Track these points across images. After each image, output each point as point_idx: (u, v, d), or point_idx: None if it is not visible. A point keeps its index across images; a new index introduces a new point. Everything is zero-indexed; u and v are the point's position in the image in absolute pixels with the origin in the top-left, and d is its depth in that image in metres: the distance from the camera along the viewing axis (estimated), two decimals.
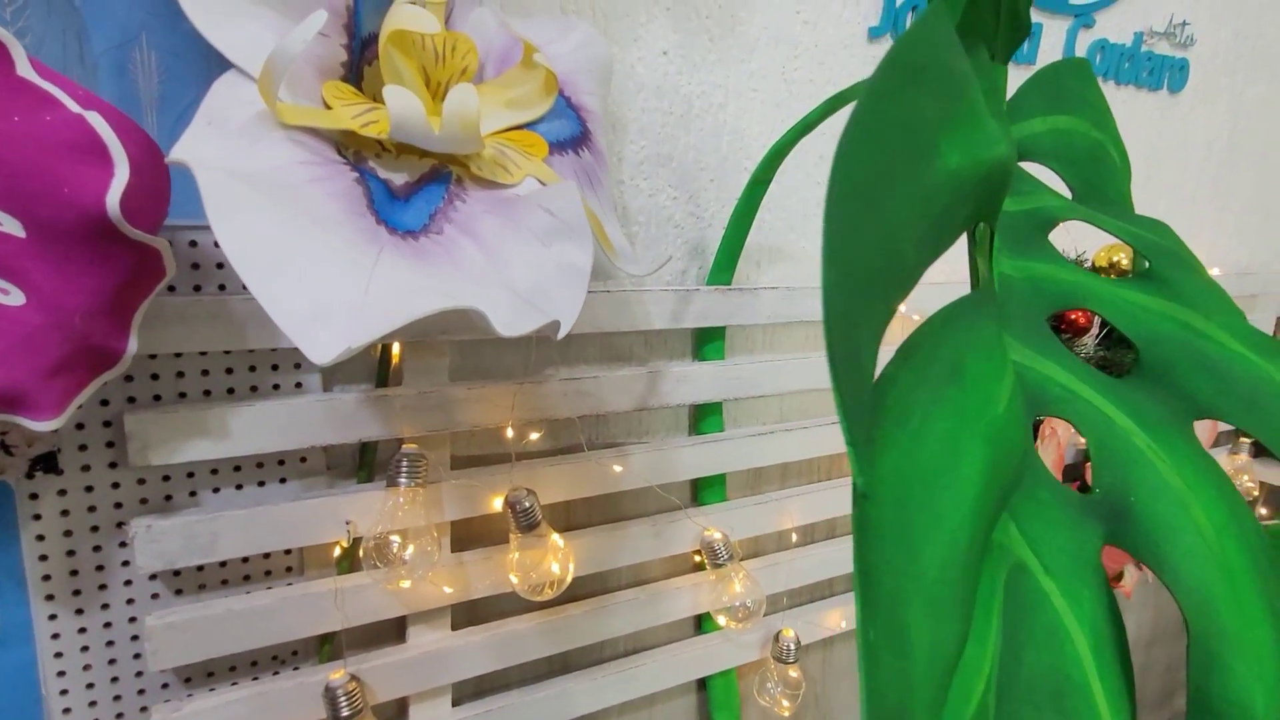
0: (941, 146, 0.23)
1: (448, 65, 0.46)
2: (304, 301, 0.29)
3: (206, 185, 0.29)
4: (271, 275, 0.29)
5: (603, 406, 0.64)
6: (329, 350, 0.28)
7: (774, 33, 0.69)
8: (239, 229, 0.29)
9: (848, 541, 0.83)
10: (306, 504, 0.53)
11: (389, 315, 0.30)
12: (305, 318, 0.29)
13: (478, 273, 0.37)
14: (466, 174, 0.44)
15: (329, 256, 0.31)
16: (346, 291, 0.30)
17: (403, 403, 0.55)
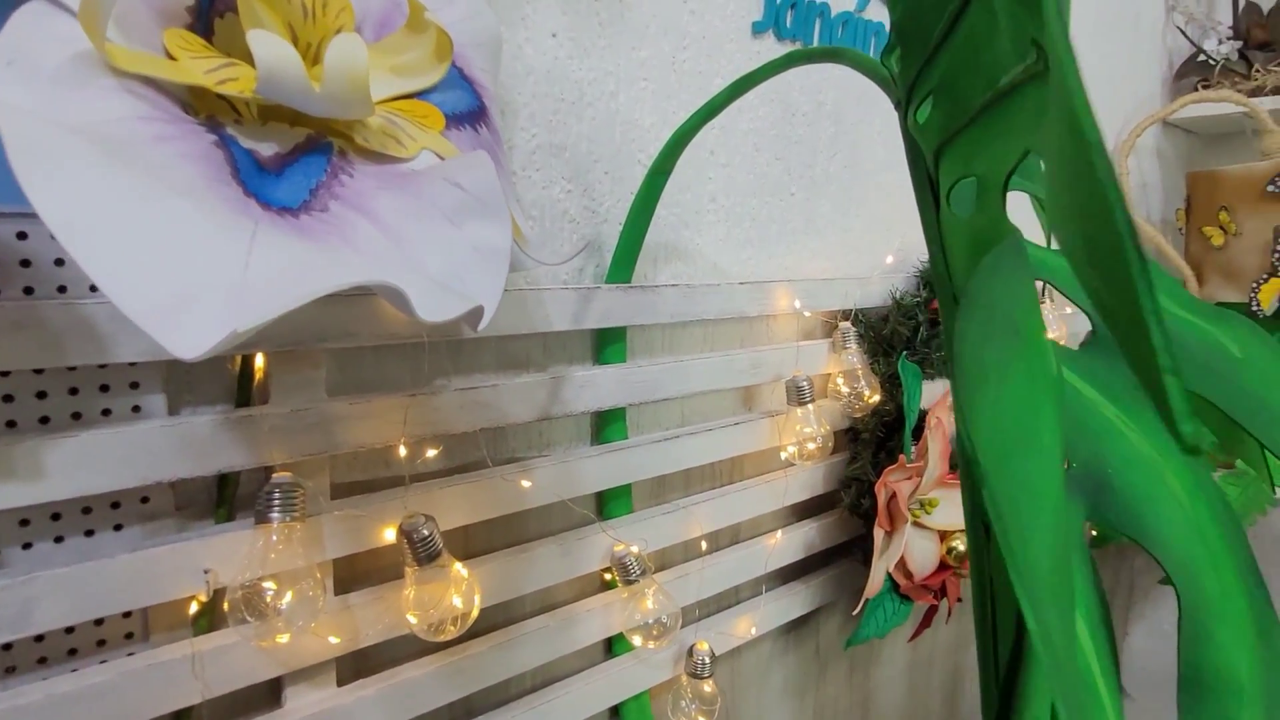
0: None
1: (318, 25, 0.40)
2: (161, 284, 0.22)
3: (11, 129, 0.22)
4: (113, 250, 0.22)
5: (503, 418, 0.58)
6: (201, 339, 0.21)
7: (663, 21, 0.67)
8: (64, 189, 0.22)
9: (751, 546, 0.81)
10: (150, 554, 0.44)
11: (282, 294, 0.23)
12: (164, 303, 0.22)
13: (380, 254, 0.30)
14: (350, 146, 0.38)
15: (190, 228, 0.24)
16: (220, 269, 0.23)
17: (272, 423, 0.47)
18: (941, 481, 0.85)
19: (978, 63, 0.24)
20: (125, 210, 0.22)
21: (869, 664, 1.07)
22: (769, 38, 0.75)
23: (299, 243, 0.28)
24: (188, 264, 0.23)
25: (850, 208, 0.88)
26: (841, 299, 0.84)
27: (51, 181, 0.22)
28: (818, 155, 0.83)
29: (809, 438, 0.78)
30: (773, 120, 0.78)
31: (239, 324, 0.22)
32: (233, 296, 0.23)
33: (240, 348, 0.46)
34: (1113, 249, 0.14)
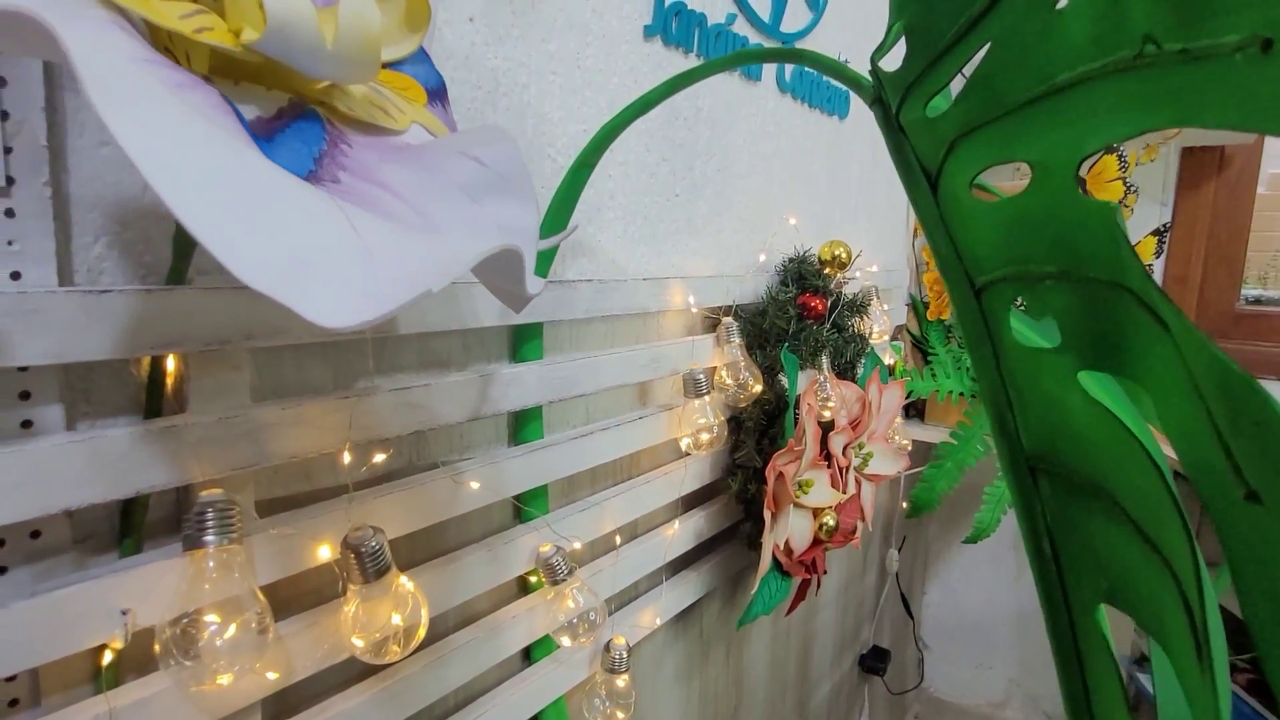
0: None
1: None
2: (281, 244, 0.19)
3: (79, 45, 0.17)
4: (220, 203, 0.18)
5: (435, 419, 0.54)
6: (351, 311, 0.18)
7: (569, 16, 0.66)
8: (150, 123, 0.18)
9: (653, 538, 0.82)
10: (52, 598, 0.36)
11: (424, 267, 0.21)
12: (284, 266, 0.19)
13: (427, 230, 0.28)
14: (334, 115, 0.34)
15: (283, 182, 0.21)
16: (335, 230, 0.20)
17: (199, 434, 0.41)
18: (814, 463, 0.92)
19: (1026, 60, 0.27)
20: (208, 155, 0.19)
21: (741, 644, 1.12)
22: (657, 42, 0.78)
23: (368, 212, 0.25)
24: (301, 225, 0.19)
25: (723, 209, 0.93)
26: (723, 295, 0.88)
27: (136, 113, 0.18)
28: (696, 158, 0.87)
29: (705, 428, 0.81)
30: (660, 122, 0.80)
31: (397, 299, 0.19)
32: (368, 265, 0.20)
33: (166, 346, 0.39)
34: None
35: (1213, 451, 0.22)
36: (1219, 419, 0.21)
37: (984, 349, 0.32)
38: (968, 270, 0.32)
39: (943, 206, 0.34)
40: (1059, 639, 0.31)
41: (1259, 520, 0.21)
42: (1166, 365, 0.23)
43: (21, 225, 0.35)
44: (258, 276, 0.18)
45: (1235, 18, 0.19)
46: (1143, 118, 0.23)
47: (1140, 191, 1.54)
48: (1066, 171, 0.26)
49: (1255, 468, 0.20)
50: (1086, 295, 0.27)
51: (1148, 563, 0.25)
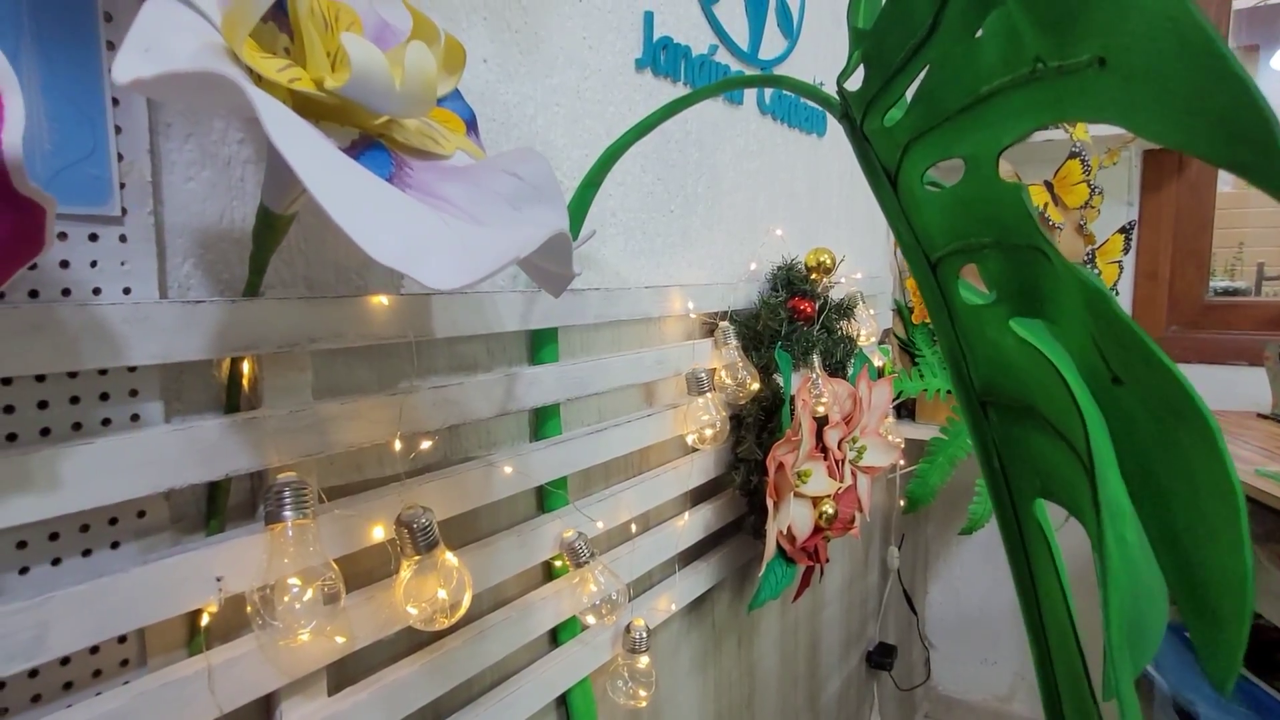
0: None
1: (333, 35, 0.43)
2: (394, 233, 0.25)
3: (260, 98, 0.24)
4: (356, 208, 0.25)
5: (467, 414, 0.61)
6: (453, 276, 0.25)
7: (568, 53, 0.74)
8: (306, 146, 0.24)
9: (664, 529, 0.88)
10: (161, 566, 0.42)
11: (498, 248, 0.27)
12: (407, 250, 0.25)
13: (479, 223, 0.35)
14: (394, 145, 0.41)
15: (384, 188, 0.27)
16: (435, 222, 0.27)
17: (274, 425, 0.47)
18: (811, 455, 0.99)
19: (957, 78, 0.34)
20: (350, 176, 0.25)
21: (752, 637, 1.18)
22: (648, 73, 0.86)
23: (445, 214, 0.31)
24: (408, 221, 0.26)
25: (714, 223, 1.00)
26: (718, 301, 0.95)
27: (297, 139, 0.24)
28: (688, 177, 0.94)
29: (708, 424, 0.88)
30: (654, 145, 0.88)
31: (480, 269, 0.26)
32: (459, 245, 0.26)
33: (245, 348, 0.46)
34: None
35: (1094, 356, 0.28)
36: (1092, 329, 0.28)
37: (942, 314, 0.39)
38: (924, 250, 0.39)
39: (902, 199, 0.41)
40: (1008, 532, 0.38)
41: (1122, 397, 0.27)
42: (1064, 299, 0.30)
43: (131, 248, 0.42)
44: (390, 255, 0.24)
45: (1088, 42, 0.26)
46: (1037, 116, 0.30)
47: (1105, 193, 1.63)
48: (989, 162, 0.33)
49: (1116, 360, 0.27)
50: (1012, 258, 0.33)
51: (1065, 457, 0.31)
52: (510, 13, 0.67)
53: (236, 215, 0.48)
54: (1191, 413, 0.25)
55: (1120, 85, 0.24)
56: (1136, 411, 0.27)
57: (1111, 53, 0.24)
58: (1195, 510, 0.27)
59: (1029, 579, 0.36)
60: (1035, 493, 0.35)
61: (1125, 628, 0.34)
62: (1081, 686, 0.34)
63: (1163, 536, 0.29)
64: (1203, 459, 0.26)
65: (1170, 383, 0.25)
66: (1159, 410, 0.26)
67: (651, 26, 0.84)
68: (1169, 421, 0.26)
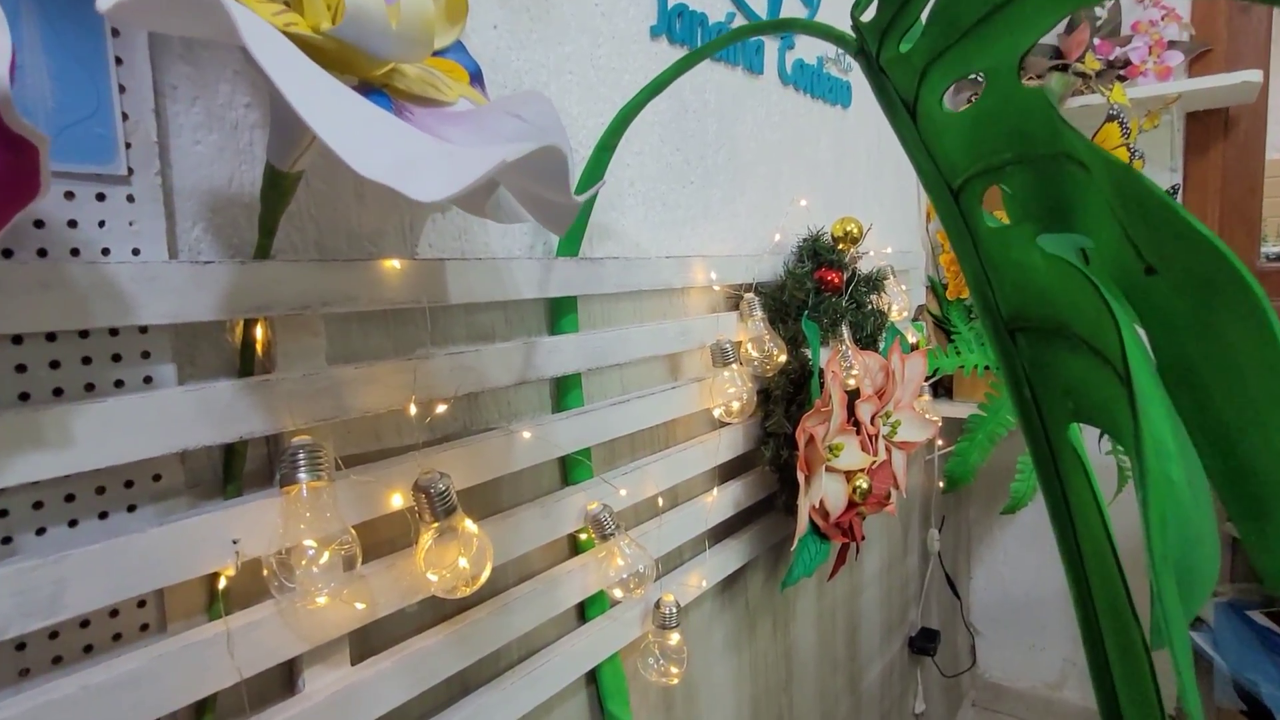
0: None
1: None
2: (386, 151, 0.24)
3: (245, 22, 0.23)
4: (344, 126, 0.24)
5: (485, 381, 0.60)
6: (439, 188, 0.24)
7: (580, 20, 0.73)
8: (288, 65, 0.24)
9: (693, 505, 0.87)
10: (178, 527, 0.42)
11: (486, 158, 0.26)
12: (395, 165, 0.24)
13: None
14: (395, 93, 0.40)
15: (374, 109, 0.26)
16: (422, 138, 0.26)
17: (288, 388, 0.47)
18: (843, 428, 0.97)
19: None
20: (337, 96, 0.25)
21: (788, 618, 1.16)
22: (663, 41, 0.84)
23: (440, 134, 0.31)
24: (399, 138, 0.25)
25: (736, 195, 0.98)
26: (743, 273, 0.94)
27: (280, 57, 0.24)
28: (707, 148, 0.93)
29: (735, 396, 0.86)
30: (671, 115, 0.86)
31: (465, 179, 0.25)
32: (448, 160, 0.26)
33: (256, 310, 0.45)
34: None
35: (1125, 249, 0.26)
36: (1123, 219, 0.26)
37: (965, 243, 0.37)
38: (946, 178, 0.37)
39: (921, 129, 0.39)
40: (1040, 460, 0.36)
41: (1156, 288, 0.25)
42: (1093, 201, 0.28)
43: (139, 209, 0.42)
44: (376, 170, 0.23)
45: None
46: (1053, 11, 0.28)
47: (1146, 158, 1.57)
48: (1010, 71, 0.31)
49: (1148, 246, 0.25)
50: (1037, 171, 0.31)
51: (1099, 373, 0.29)
52: None
53: (245, 179, 0.48)
54: (1232, 285, 0.23)
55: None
56: (1172, 302, 0.25)
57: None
58: (1241, 396, 0.25)
59: (1064, 504, 0.34)
60: (1068, 417, 0.33)
61: (1174, 571, 0.32)
62: (1128, 626, 0.32)
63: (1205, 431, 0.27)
64: (1246, 336, 0.23)
65: (1206, 252, 0.23)
66: (1196, 292, 0.24)
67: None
68: (1207, 303, 0.24)
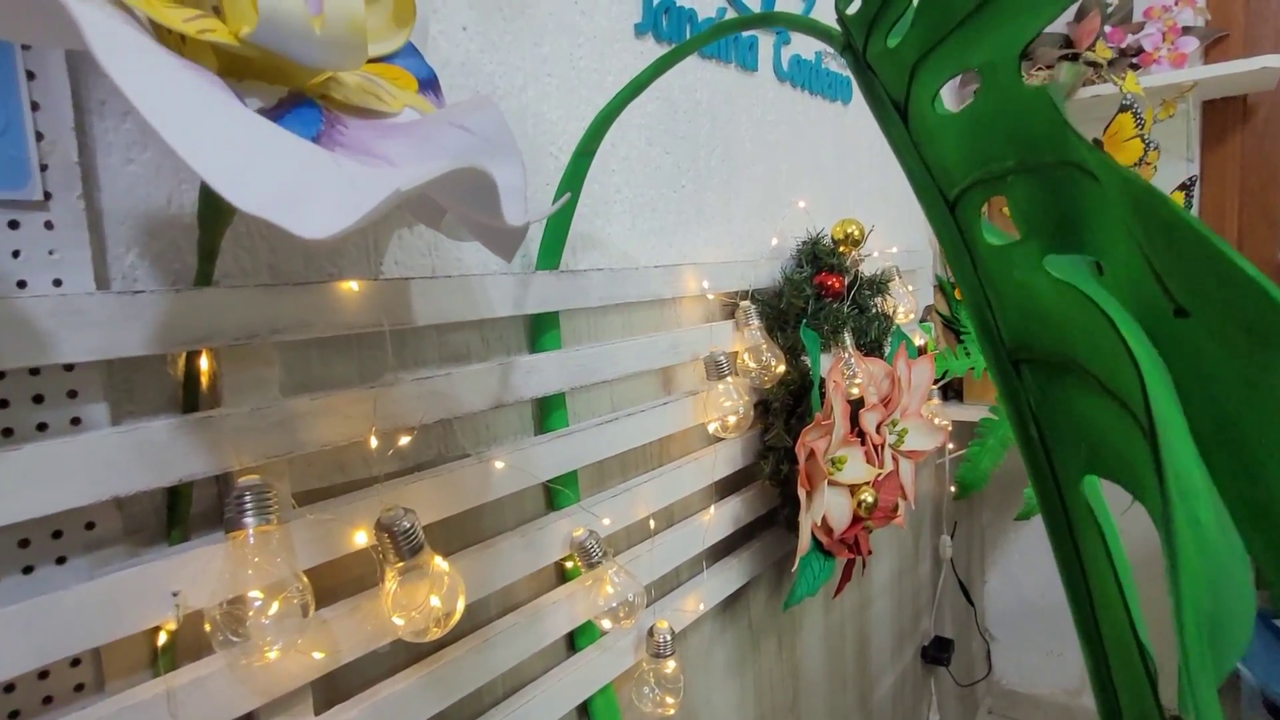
0: None
1: None
2: (271, 178, 0.21)
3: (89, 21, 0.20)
4: (217, 148, 0.20)
5: (458, 407, 0.56)
6: (330, 222, 0.20)
7: (559, 19, 0.69)
8: (145, 71, 0.20)
9: (689, 525, 0.83)
10: (110, 581, 0.39)
11: (391, 182, 0.23)
12: (280, 195, 0.21)
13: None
14: (331, 104, 0.37)
15: (276, 133, 0.23)
16: (318, 166, 0.22)
17: (234, 424, 0.43)
18: (846, 440, 0.92)
19: None
20: (213, 110, 0.21)
21: (793, 635, 1.12)
22: (649, 39, 0.80)
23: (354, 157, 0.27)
24: (291, 162, 0.22)
25: (731, 198, 0.94)
26: (738, 280, 0.90)
27: (132, 62, 0.20)
28: (699, 150, 0.89)
29: (731, 410, 0.82)
30: (660, 116, 0.82)
31: (367, 205, 0.21)
32: (344, 186, 0.22)
33: (197, 342, 0.42)
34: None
35: (1149, 284, 0.22)
36: (1145, 246, 0.22)
37: (963, 259, 0.33)
38: (940, 187, 0.33)
39: (913, 131, 0.35)
40: (1051, 515, 0.31)
41: (1189, 333, 0.21)
42: (1109, 220, 0.24)
43: (60, 236, 0.38)
44: (256, 201, 0.20)
45: None
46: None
47: (1162, 148, 1.51)
48: (1009, 66, 0.27)
49: (1178, 283, 0.21)
50: (1042, 181, 0.27)
51: (1117, 419, 0.25)
52: None
53: (186, 200, 0.45)
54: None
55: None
56: (1208, 347, 0.21)
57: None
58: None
59: (1079, 574, 0.30)
60: (1082, 467, 0.29)
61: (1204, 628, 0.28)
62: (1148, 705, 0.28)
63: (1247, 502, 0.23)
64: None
65: (1254, 296, 0.19)
66: (1239, 339, 0.20)
67: None
68: (1254, 352, 0.20)
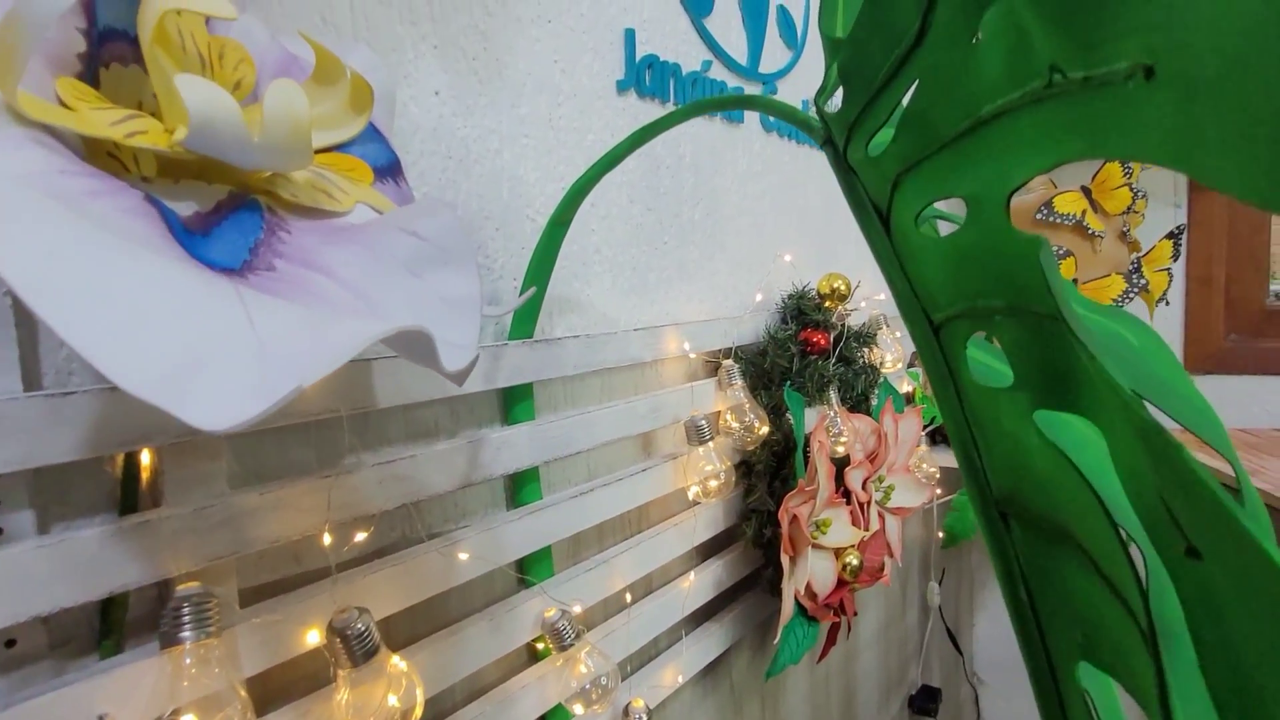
0: None
1: (217, 77, 0.36)
2: (162, 349, 0.18)
3: None
4: (96, 315, 0.18)
5: (424, 490, 0.54)
6: (229, 407, 0.18)
7: (537, 79, 0.67)
8: (24, 240, 0.18)
9: (668, 592, 0.80)
10: (28, 708, 0.36)
11: (314, 356, 0.20)
12: (171, 371, 0.18)
13: (360, 310, 0.28)
14: (277, 202, 0.35)
15: (174, 285, 0.20)
16: (226, 329, 0.20)
17: (174, 527, 0.41)
18: (830, 502, 0.90)
19: (952, 94, 0.26)
20: (100, 267, 0.19)
21: (777, 696, 1.08)
22: (631, 95, 0.79)
23: (284, 301, 0.24)
24: (187, 325, 0.19)
25: (715, 253, 0.92)
26: (721, 338, 0.88)
27: (6, 231, 0.18)
28: (683, 205, 0.87)
29: (712, 475, 0.80)
30: (641, 173, 0.81)
31: (276, 392, 0.19)
32: (255, 359, 0.20)
33: (135, 442, 0.39)
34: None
35: (1156, 501, 0.20)
36: (1156, 472, 0.20)
37: (947, 388, 0.31)
38: (925, 308, 0.31)
39: (896, 244, 0.33)
40: (1044, 696, 0.29)
41: (1203, 576, 0.19)
42: (1111, 403, 0.22)
43: None
44: (134, 381, 0.17)
45: (1122, 44, 0.18)
46: (1057, 148, 0.22)
47: (1150, 195, 1.51)
48: (997, 205, 0.25)
49: (1191, 525, 0.19)
50: (1033, 329, 0.25)
51: (1113, 610, 0.23)
52: (467, 40, 0.61)
53: None
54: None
55: (1176, 105, 0.16)
56: (1222, 588, 0.19)
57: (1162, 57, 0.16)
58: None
59: None
60: (1076, 652, 0.27)
61: None
62: None
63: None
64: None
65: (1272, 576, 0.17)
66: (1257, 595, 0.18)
67: (634, 44, 0.78)
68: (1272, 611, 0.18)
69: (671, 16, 0.84)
